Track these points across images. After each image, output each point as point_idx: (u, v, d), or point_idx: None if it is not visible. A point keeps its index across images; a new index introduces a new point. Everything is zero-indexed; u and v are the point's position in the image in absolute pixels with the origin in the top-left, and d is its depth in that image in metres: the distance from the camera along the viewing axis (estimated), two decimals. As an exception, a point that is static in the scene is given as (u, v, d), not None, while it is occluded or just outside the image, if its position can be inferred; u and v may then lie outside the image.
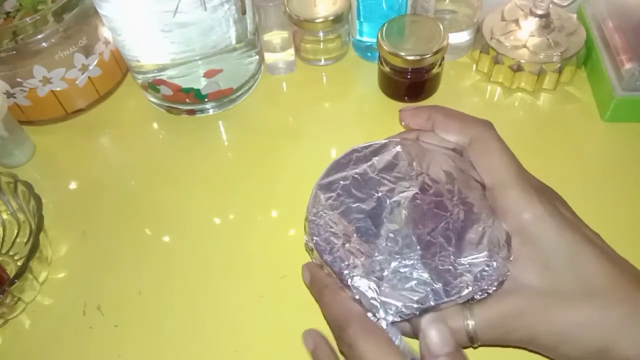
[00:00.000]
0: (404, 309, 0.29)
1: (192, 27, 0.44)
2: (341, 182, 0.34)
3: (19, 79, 0.48)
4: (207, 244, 0.43)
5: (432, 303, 0.29)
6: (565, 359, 0.29)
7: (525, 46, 0.49)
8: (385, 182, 0.34)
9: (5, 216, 0.46)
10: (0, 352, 0.39)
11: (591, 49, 0.50)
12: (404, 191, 0.33)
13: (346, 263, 0.31)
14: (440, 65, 0.49)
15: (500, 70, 0.50)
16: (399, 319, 0.30)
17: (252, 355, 0.37)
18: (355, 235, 0.32)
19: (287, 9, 0.52)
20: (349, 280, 0.30)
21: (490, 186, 0.32)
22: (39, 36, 0.46)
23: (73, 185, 0.49)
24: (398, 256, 0.31)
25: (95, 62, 0.51)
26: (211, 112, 0.52)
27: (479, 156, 0.33)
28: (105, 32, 0.51)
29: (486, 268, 0.30)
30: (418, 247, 0.31)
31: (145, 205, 0.46)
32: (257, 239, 0.43)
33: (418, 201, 0.33)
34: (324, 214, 0.33)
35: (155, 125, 0.53)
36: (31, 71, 0.47)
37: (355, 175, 0.34)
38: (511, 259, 0.30)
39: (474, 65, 0.53)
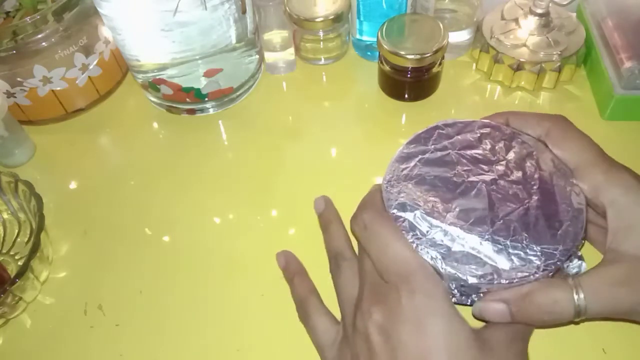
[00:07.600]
0: (462, 280, 0.30)
1: (192, 26, 0.44)
2: (419, 155, 0.34)
3: (19, 79, 0.48)
4: (208, 243, 0.43)
5: (493, 278, 0.29)
6: None
7: (525, 45, 0.49)
8: (464, 161, 0.34)
9: (5, 216, 0.46)
10: (2, 351, 0.39)
11: (591, 47, 0.50)
12: (482, 174, 0.33)
13: (412, 233, 0.31)
14: (440, 64, 0.49)
15: (500, 69, 0.51)
16: (455, 289, 0.31)
17: (253, 354, 0.37)
18: (427, 202, 0.32)
19: (287, 8, 0.52)
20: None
21: (576, 166, 0.33)
22: (39, 36, 0.46)
23: (73, 185, 0.49)
24: (468, 231, 0.31)
25: (95, 62, 0.51)
26: (211, 111, 0.52)
27: (560, 142, 0.34)
28: (105, 32, 0.51)
29: (557, 262, 0.30)
30: (490, 229, 0.31)
31: (145, 204, 0.46)
32: (257, 239, 0.43)
33: (495, 186, 0.32)
34: (398, 184, 0.33)
35: (155, 124, 0.53)
36: (31, 71, 0.47)
37: (435, 151, 0.34)
38: (579, 254, 0.32)
39: (474, 64, 0.53)
